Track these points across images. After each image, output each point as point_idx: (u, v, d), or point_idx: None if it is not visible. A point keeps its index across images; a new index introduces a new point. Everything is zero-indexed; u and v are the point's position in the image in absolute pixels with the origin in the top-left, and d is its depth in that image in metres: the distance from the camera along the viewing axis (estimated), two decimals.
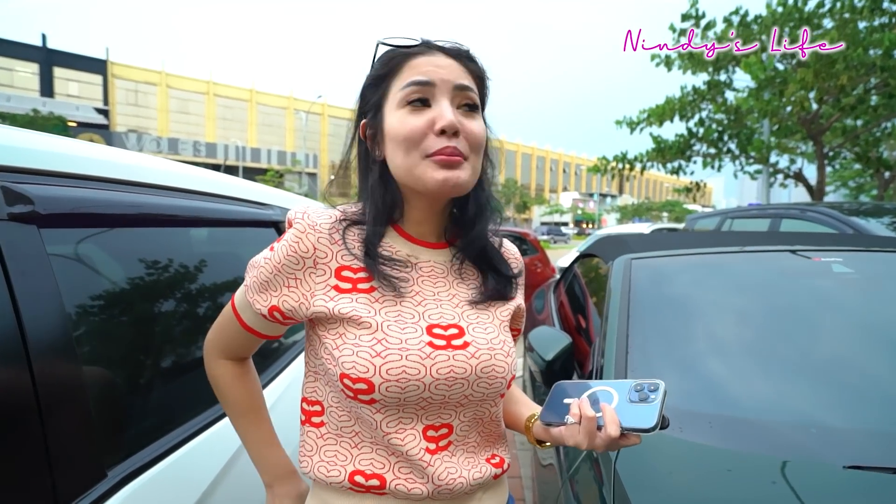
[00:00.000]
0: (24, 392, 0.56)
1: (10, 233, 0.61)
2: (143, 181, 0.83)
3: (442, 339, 0.59)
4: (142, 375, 0.81)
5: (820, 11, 7.77)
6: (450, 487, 0.60)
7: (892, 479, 0.77)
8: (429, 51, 0.61)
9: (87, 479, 0.61)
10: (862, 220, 4.13)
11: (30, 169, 0.67)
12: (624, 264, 1.55)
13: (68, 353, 0.63)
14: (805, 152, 11.57)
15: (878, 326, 1.16)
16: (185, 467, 0.75)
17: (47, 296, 0.63)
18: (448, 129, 0.57)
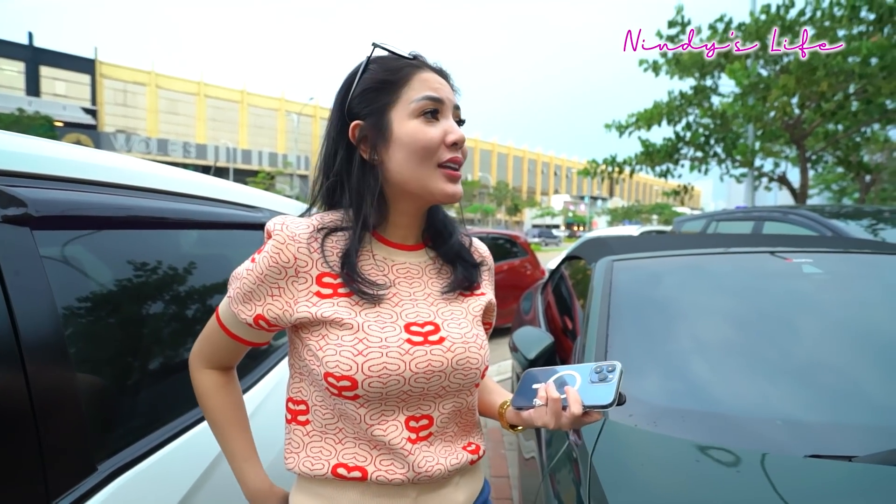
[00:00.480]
0: (17, 388, 0.58)
1: (4, 235, 0.63)
2: (133, 184, 0.86)
3: (419, 335, 0.63)
4: (130, 374, 0.83)
5: (801, 20, 7.96)
6: (429, 474, 0.63)
7: (847, 465, 0.82)
8: (427, 67, 0.66)
9: (78, 473, 0.64)
10: (841, 222, 4.24)
11: (23, 172, 0.69)
12: (606, 266, 1.60)
13: (60, 351, 0.65)
14: (789, 156, 11.81)
15: (843, 324, 1.22)
16: (173, 463, 0.77)
17: (40, 295, 0.65)
18: (460, 142, 0.64)
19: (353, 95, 0.65)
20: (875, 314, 1.25)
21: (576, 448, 0.98)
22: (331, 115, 0.69)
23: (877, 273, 1.42)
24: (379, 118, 0.64)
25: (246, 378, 1.07)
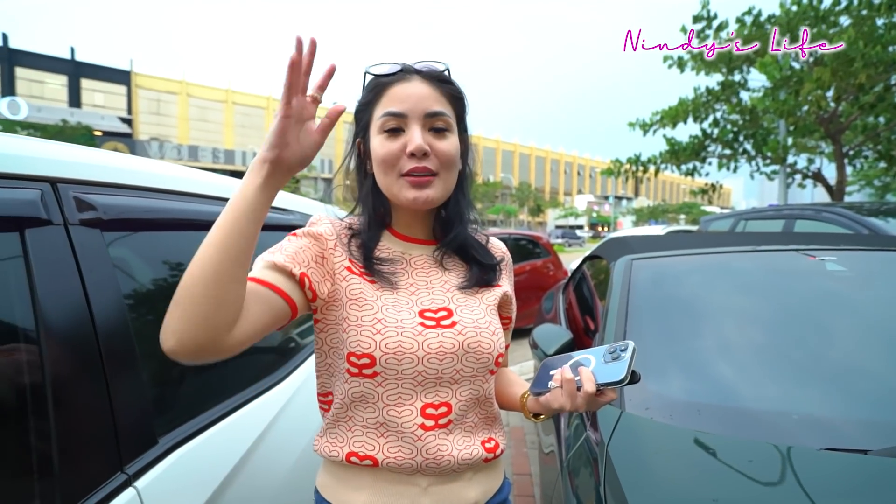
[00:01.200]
0: (95, 369, 0.67)
1: (80, 235, 0.72)
2: (183, 190, 0.95)
3: (432, 320, 0.68)
4: None
5: (836, 9, 7.67)
6: (437, 462, 0.66)
7: (862, 458, 0.83)
8: (406, 77, 0.70)
9: (143, 445, 0.72)
10: (880, 220, 4.08)
11: (94, 181, 0.78)
12: (625, 264, 1.62)
13: (127, 337, 0.74)
14: (825, 152, 11.37)
15: (862, 321, 1.21)
16: (224, 438, 0.86)
17: (109, 288, 0.74)
18: (416, 152, 0.67)
19: (354, 116, 0.75)
20: (892, 311, 1.23)
21: (593, 439, 1.02)
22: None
23: None
24: (365, 135, 0.74)
25: (276, 373, 1.15)
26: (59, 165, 0.74)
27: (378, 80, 0.72)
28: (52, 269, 0.67)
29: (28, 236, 0.65)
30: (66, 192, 0.73)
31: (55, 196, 0.71)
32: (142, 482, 0.68)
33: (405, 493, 0.68)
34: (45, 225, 0.68)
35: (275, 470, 0.95)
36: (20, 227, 0.65)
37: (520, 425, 3.18)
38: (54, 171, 0.73)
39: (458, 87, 0.74)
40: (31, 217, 0.66)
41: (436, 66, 0.73)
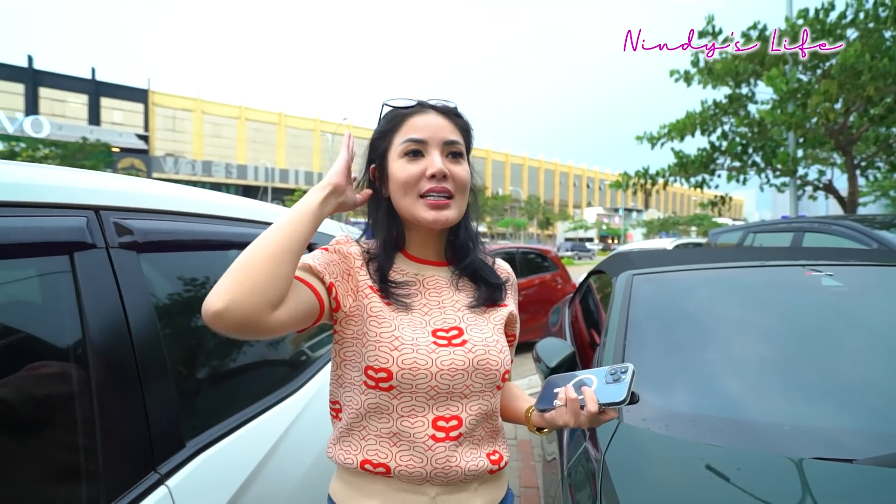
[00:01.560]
0: (132, 374, 0.75)
1: (120, 258, 0.80)
2: (209, 213, 1.03)
3: (444, 339, 0.73)
4: (209, 369, 1.00)
5: (843, 22, 7.71)
6: (445, 472, 0.71)
7: (848, 467, 0.87)
8: (424, 111, 0.77)
9: (172, 448, 0.79)
10: (891, 233, 4.06)
11: (131, 207, 0.87)
12: (626, 279, 1.67)
13: (158, 346, 0.81)
14: (837, 163, 11.28)
15: (854, 336, 1.24)
16: (246, 443, 0.92)
17: (143, 303, 0.82)
18: (437, 174, 0.74)
19: (371, 143, 0.82)
20: (885, 326, 1.27)
21: (591, 449, 1.07)
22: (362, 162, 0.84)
23: None
24: (382, 161, 0.79)
25: (289, 385, 1.21)
26: (101, 194, 0.83)
27: (397, 111, 0.78)
28: (97, 288, 0.75)
29: (77, 259, 0.73)
30: (107, 218, 0.81)
31: (98, 222, 0.79)
32: (172, 481, 0.75)
33: (414, 501, 0.72)
34: (90, 248, 0.76)
35: (291, 472, 1.01)
36: (70, 251, 0.73)
37: (527, 438, 3.19)
38: (97, 200, 0.81)
39: (467, 120, 0.82)
40: (79, 242, 0.74)
41: (447, 103, 0.80)
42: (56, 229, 0.72)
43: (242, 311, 0.58)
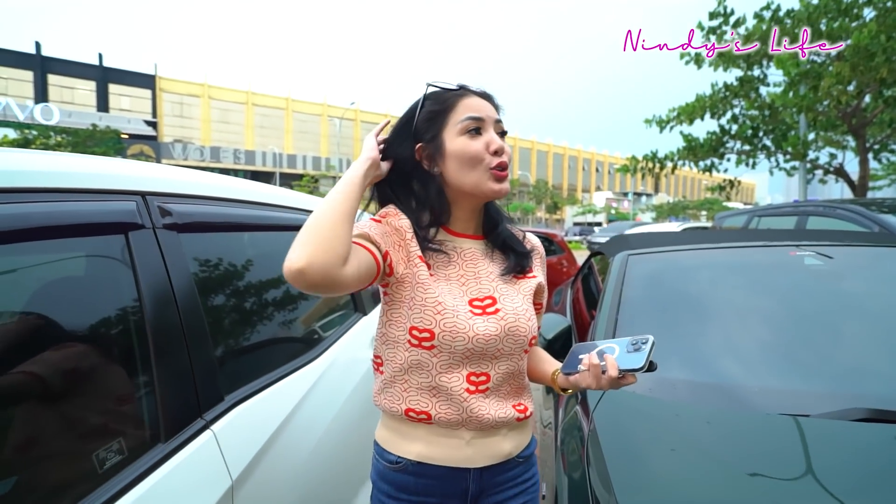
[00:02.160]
0: (178, 336, 0.87)
1: (164, 237, 0.92)
2: (239, 198, 1.15)
3: (479, 308, 0.82)
4: (244, 333, 1.13)
5: (860, 2, 7.54)
6: (478, 419, 0.82)
7: (805, 420, 0.98)
8: (470, 94, 0.85)
9: (213, 400, 0.92)
10: (894, 216, 4.09)
11: (171, 192, 0.98)
12: (622, 259, 1.77)
13: (198, 313, 0.94)
14: (850, 146, 11.11)
15: (824, 309, 1.34)
16: (277, 398, 1.06)
17: (185, 276, 0.94)
18: (500, 150, 0.83)
19: (417, 124, 0.86)
20: (857, 300, 1.36)
21: (581, 409, 1.19)
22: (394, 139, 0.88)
23: (876, 264, 1.52)
24: (435, 139, 0.84)
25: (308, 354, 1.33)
26: (146, 181, 0.94)
27: (448, 93, 0.85)
28: (148, 262, 0.87)
29: (131, 238, 0.85)
30: (152, 202, 0.93)
31: (146, 206, 0.91)
32: (216, 427, 0.88)
33: (452, 444, 0.83)
34: (140, 229, 0.88)
35: (315, 425, 1.15)
36: (125, 230, 0.85)
37: None
38: (143, 186, 0.93)
39: (499, 104, 0.90)
40: (132, 223, 0.86)
41: (485, 90, 0.88)
42: (114, 212, 0.83)
43: (321, 266, 0.67)
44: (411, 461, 0.83)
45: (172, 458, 0.78)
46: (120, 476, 0.70)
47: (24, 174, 0.72)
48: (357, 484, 1.40)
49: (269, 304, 1.25)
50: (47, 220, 0.72)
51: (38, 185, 0.73)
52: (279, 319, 1.29)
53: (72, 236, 0.77)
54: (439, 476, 0.83)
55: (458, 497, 0.85)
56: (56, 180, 0.77)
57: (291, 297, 1.36)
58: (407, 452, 0.84)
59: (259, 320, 1.21)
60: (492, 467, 0.85)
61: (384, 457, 0.86)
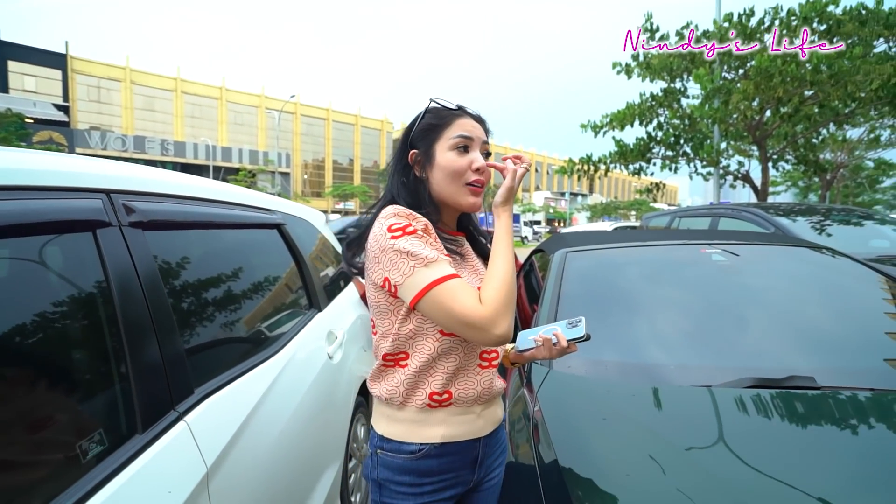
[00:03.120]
0: (149, 331, 0.89)
1: (130, 235, 0.93)
2: (204, 197, 1.17)
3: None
4: (212, 327, 1.15)
5: (761, 28, 8.51)
6: (489, 391, 0.93)
7: (707, 390, 1.18)
8: (466, 115, 0.94)
9: (183, 393, 0.95)
10: (787, 219, 4.73)
11: (136, 191, 0.99)
12: (561, 255, 1.95)
13: (166, 309, 0.96)
14: (755, 155, 12.48)
15: (728, 297, 1.59)
16: (244, 391, 1.09)
17: (152, 272, 0.96)
18: (482, 169, 0.93)
19: (414, 132, 0.95)
20: (750, 289, 1.63)
21: (526, 390, 1.33)
22: (399, 144, 0.99)
23: (769, 261, 1.82)
24: (428, 149, 0.93)
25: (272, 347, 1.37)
26: (110, 179, 0.95)
27: (448, 111, 0.94)
28: (117, 260, 0.88)
29: (99, 235, 0.86)
30: (117, 200, 0.94)
31: (111, 204, 0.92)
32: (189, 418, 0.91)
33: (468, 420, 0.92)
34: (107, 227, 0.89)
35: (281, 413, 1.19)
36: (93, 227, 0.86)
37: None
38: (108, 184, 0.94)
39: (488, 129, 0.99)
40: (99, 220, 0.87)
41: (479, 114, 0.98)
42: (81, 209, 0.84)
43: (510, 331, 0.82)
44: (435, 444, 0.89)
45: (150, 448, 0.81)
46: (101, 466, 0.72)
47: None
48: (321, 466, 1.46)
49: (232, 301, 1.27)
50: (15, 219, 0.73)
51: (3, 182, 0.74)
52: (242, 316, 1.32)
53: (40, 234, 0.78)
54: (458, 451, 0.92)
55: (469, 466, 0.94)
56: (20, 178, 0.77)
57: (253, 295, 1.39)
58: (430, 437, 0.89)
59: (224, 317, 1.23)
60: (492, 433, 0.97)
61: (402, 450, 0.89)
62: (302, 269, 1.87)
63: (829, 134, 10.79)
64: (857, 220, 5.16)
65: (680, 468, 0.94)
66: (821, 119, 9.08)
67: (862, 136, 14.81)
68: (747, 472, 0.91)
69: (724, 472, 0.92)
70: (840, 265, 1.82)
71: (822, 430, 1.04)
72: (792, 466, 0.93)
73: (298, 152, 44.64)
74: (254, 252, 1.56)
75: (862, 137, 14.98)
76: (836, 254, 1.90)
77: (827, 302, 1.59)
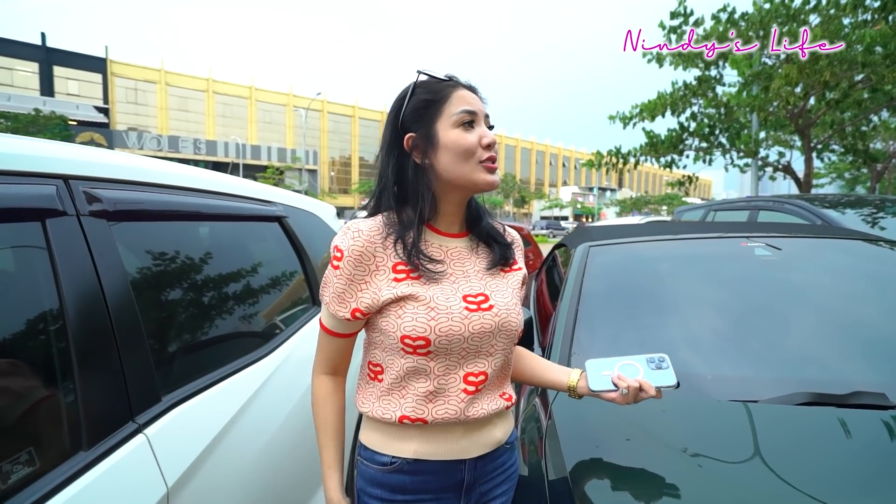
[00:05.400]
0: (107, 334, 0.80)
1: (90, 225, 0.84)
2: (181, 185, 1.07)
3: (474, 304, 0.80)
4: (182, 331, 1.05)
5: (806, 8, 7.94)
6: (475, 416, 0.81)
7: (754, 406, 1.01)
8: (460, 87, 0.81)
9: (149, 401, 0.85)
10: (835, 211, 4.36)
11: (100, 177, 0.90)
12: (583, 250, 1.78)
13: (131, 309, 0.86)
14: (797, 146, 11.77)
15: (775, 298, 1.39)
16: (217, 400, 0.99)
17: (116, 269, 0.86)
18: (492, 143, 0.81)
19: (405, 114, 0.81)
20: (802, 289, 1.42)
21: (539, 400, 1.18)
22: (384, 131, 0.84)
23: (819, 255, 1.60)
24: (427, 130, 0.80)
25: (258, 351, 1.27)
26: (69, 164, 0.86)
27: (442, 84, 0.81)
28: (70, 253, 0.79)
29: (49, 226, 0.77)
30: (76, 187, 0.85)
31: (68, 191, 0.83)
32: (150, 430, 0.82)
33: (448, 438, 0.81)
34: (61, 216, 0.80)
35: (262, 429, 1.09)
36: (42, 217, 0.77)
37: None
38: (66, 169, 0.84)
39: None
40: (49, 209, 0.78)
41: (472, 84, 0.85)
42: (27, 196, 0.75)
43: None
44: (407, 460, 0.81)
45: (96, 466, 0.71)
46: (28, 491, 0.63)
47: None
48: (313, 486, 1.35)
49: (220, 299, 1.18)
50: None
51: None
52: (231, 314, 1.22)
53: None
54: (435, 471, 0.82)
55: (452, 489, 0.83)
56: None
57: (245, 292, 1.29)
58: (402, 451, 0.81)
59: (205, 315, 1.13)
60: (485, 456, 0.85)
61: (375, 459, 0.83)
62: (305, 264, 1.77)
63: (880, 121, 10.03)
64: None
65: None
66: (872, 105, 8.44)
67: None
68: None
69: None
70: None
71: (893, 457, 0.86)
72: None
73: (325, 149, 45.24)
74: (248, 246, 1.46)
75: None
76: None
77: (893, 303, 1.37)
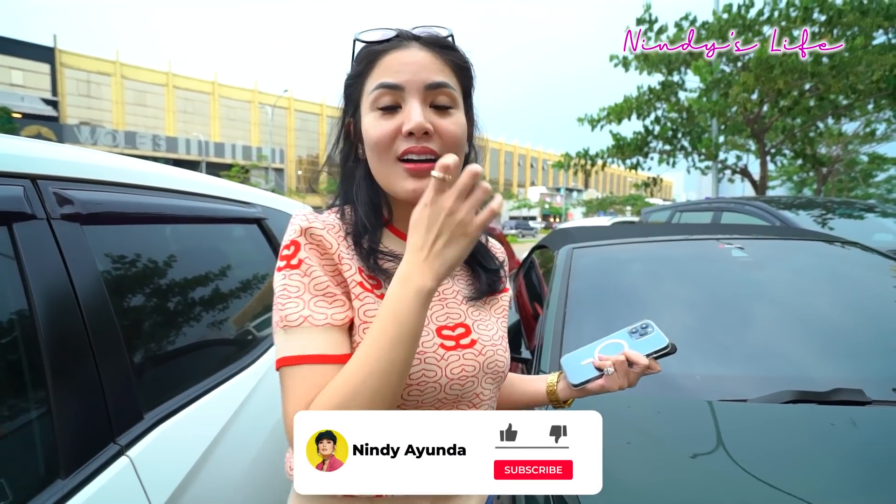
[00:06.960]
0: (84, 347, 0.73)
1: (62, 229, 0.77)
2: (158, 186, 1.00)
3: (451, 339, 0.60)
4: (163, 342, 0.98)
5: (760, 19, 8.38)
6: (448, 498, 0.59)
7: (742, 405, 1.04)
8: (403, 44, 0.59)
9: (131, 419, 0.79)
10: (791, 213, 4.61)
11: (72, 177, 0.83)
12: (567, 252, 1.80)
13: (109, 319, 0.80)
14: (752, 150, 12.40)
15: (754, 298, 1.45)
16: (202, 415, 0.93)
17: (91, 276, 0.79)
18: (416, 130, 0.56)
19: (343, 93, 0.64)
20: (780, 289, 1.49)
21: None
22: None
23: (791, 256, 1.68)
24: (356, 113, 0.62)
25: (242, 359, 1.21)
26: (37, 162, 0.79)
27: (370, 49, 0.60)
28: (40, 259, 0.72)
29: (17, 230, 0.70)
30: (46, 188, 0.78)
31: (37, 192, 0.76)
32: (133, 452, 0.76)
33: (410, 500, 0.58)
34: (30, 220, 0.73)
35: (250, 442, 1.04)
36: (8, 221, 0.70)
37: None
38: (34, 168, 0.77)
39: (464, 54, 0.64)
40: (17, 212, 0.71)
41: (438, 31, 0.62)
42: None
43: None
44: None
45: (76, 496, 0.65)
46: None
47: None
48: None
49: (197, 306, 1.11)
50: None
51: None
52: (209, 322, 1.16)
53: None
54: None
55: None
56: None
57: (222, 297, 1.23)
58: None
59: (186, 324, 1.07)
60: None
61: None
62: None
63: (826, 128, 10.70)
64: (858, 213, 5.06)
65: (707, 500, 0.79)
66: (819, 112, 8.98)
67: (857, 129, 14.78)
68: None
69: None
70: (873, 261, 1.69)
71: (881, 454, 0.90)
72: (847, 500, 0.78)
73: (292, 148, 44.17)
74: (228, 250, 1.39)
75: (857, 131, 14.95)
76: (866, 249, 1.76)
77: (864, 302, 1.45)
